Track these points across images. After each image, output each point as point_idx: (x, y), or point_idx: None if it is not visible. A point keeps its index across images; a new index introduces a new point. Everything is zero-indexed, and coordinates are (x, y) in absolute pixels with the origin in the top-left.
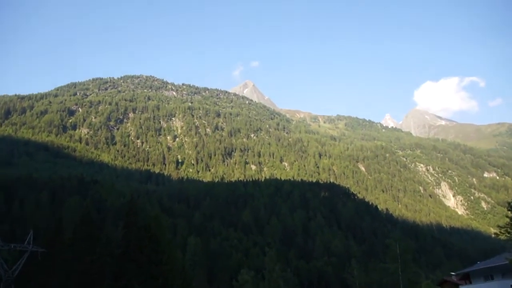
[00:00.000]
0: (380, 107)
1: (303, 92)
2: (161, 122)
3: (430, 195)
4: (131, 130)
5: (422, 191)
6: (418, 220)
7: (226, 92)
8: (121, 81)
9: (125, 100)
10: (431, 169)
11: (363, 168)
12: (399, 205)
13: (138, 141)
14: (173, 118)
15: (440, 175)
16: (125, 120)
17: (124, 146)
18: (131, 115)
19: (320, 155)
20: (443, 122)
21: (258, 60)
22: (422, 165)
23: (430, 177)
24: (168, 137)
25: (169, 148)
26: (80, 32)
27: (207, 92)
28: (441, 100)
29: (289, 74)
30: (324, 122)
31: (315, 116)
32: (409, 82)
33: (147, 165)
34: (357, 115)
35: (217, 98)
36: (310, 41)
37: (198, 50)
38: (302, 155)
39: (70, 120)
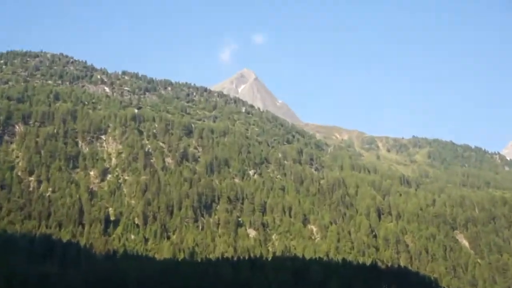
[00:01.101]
0: (499, 127)
1: (347, 95)
2: (79, 144)
3: None
4: (16, 158)
5: None
6: None
7: (206, 90)
8: (1, 61)
9: (8, 99)
10: None
11: (465, 242)
12: None
13: (31, 179)
14: (103, 137)
15: None
16: (6, 138)
17: (1, 189)
18: (18, 128)
19: (379, 214)
20: None
21: (263, 32)
22: None
23: None
24: (92, 173)
25: (91, 195)
26: None
27: (169, 88)
28: None
29: (321, 62)
30: (388, 150)
31: (370, 138)
32: None
33: (47, 227)
34: (453, 139)
35: (189, 101)
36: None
37: (151, 15)
38: (345, 213)
39: None
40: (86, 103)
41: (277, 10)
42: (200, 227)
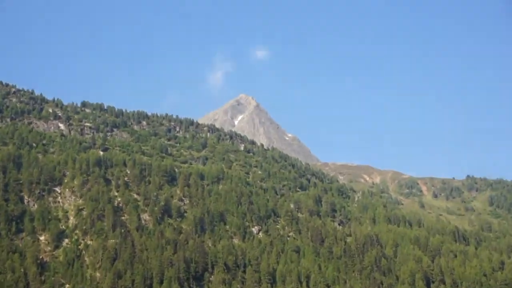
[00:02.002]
0: None
1: (377, 125)
2: (25, 200)
3: None
4: None
5: None
6: None
7: (192, 123)
8: None
9: None
10: None
11: None
12: None
13: None
14: (57, 189)
15: None
16: None
17: None
18: None
19: (428, 282)
20: None
21: (265, 46)
22: None
23: None
24: (42, 238)
25: (41, 267)
26: None
27: (144, 122)
28: None
29: (341, 84)
30: (435, 195)
31: (410, 180)
32: None
33: None
34: None
35: (170, 139)
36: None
37: (119, 29)
38: (381, 281)
39: None
40: (34, 145)
41: (282, 17)
42: None
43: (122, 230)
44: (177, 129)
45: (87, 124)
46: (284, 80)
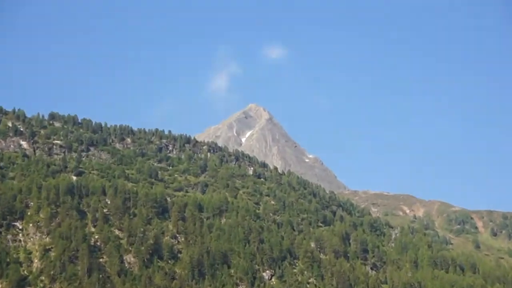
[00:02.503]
0: None
1: (418, 145)
2: None
3: None
4: None
5: None
6: None
7: (189, 140)
8: None
9: None
10: None
11: None
12: None
13: None
14: (17, 224)
15: None
16: None
17: None
18: None
19: None
20: None
21: (284, 42)
22: None
23: None
24: None
25: None
26: None
27: (129, 139)
28: None
29: (371, 91)
30: (495, 233)
31: (461, 213)
32: None
33: None
34: None
35: (161, 160)
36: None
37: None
38: None
39: None
40: None
41: (304, 7)
42: None
43: (100, 276)
44: (170, 148)
45: (56, 141)
46: (304, 87)
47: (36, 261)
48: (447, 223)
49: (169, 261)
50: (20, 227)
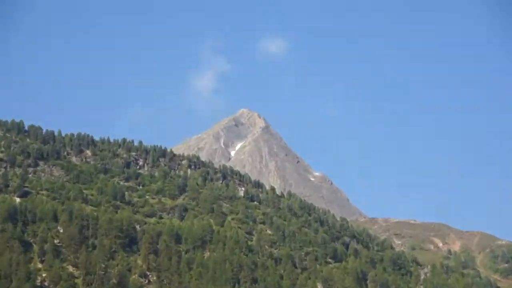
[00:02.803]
0: None
1: (452, 163)
2: None
3: None
4: None
5: None
6: None
7: (164, 153)
8: None
9: None
10: None
11: None
12: None
13: None
14: None
15: None
16: None
17: None
18: None
19: None
20: None
21: (283, 34)
22: None
23: None
24: None
25: None
26: None
27: (88, 152)
28: None
29: (388, 92)
30: None
31: (509, 247)
32: None
33: None
34: None
35: (129, 178)
36: None
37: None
38: None
39: None
40: None
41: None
42: None
43: None
44: (141, 163)
45: None
46: (309, 88)
47: None
48: (491, 261)
49: None
50: None
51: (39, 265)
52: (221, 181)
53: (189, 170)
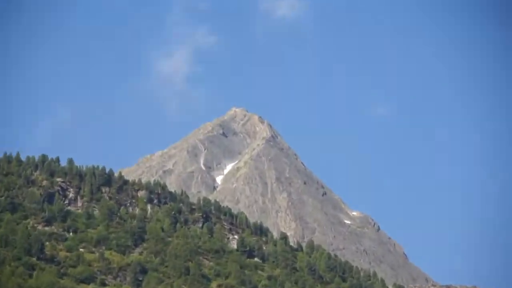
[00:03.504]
0: None
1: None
2: None
3: None
4: None
5: None
6: None
7: (110, 177)
8: None
9: None
10: None
11: None
12: None
13: None
14: None
15: None
16: None
17: None
18: None
19: None
20: None
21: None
22: None
23: None
24: None
25: None
26: None
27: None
28: None
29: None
30: None
31: None
32: None
33: None
34: None
35: (52, 220)
36: None
37: None
38: None
39: None
40: None
41: None
42: None
43: None
44: (71, 195)
45: None
46: (338, 73)
47: None
48: None
49: None
50: None
51: None
52: (201, 225)
53: (149, 207)
